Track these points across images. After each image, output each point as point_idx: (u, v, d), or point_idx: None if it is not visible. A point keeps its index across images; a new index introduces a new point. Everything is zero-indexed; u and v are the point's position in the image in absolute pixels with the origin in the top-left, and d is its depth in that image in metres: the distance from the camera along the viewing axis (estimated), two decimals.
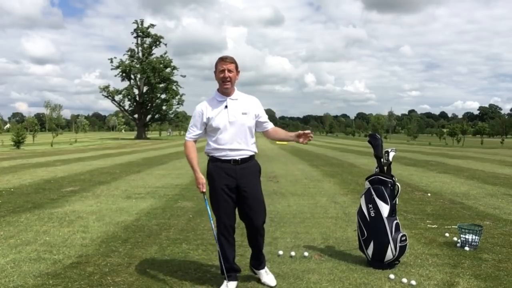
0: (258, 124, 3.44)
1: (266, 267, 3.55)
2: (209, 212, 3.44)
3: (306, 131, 3.29)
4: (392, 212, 3.91)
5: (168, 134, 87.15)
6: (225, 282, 3.38)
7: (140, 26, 59.75)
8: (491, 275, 3.68)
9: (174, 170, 12.97)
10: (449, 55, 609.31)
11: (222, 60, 3.26)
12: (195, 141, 3.43)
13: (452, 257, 4.19)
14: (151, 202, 7.17)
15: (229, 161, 3.27)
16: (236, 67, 3.30)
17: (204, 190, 3.31)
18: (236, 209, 3.40)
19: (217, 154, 3.31)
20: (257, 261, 3.51)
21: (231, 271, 3.40)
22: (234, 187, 3.29)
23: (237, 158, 3.27)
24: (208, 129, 3.32)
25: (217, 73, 3.28)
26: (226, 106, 3.27)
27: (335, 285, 3.44)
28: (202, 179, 3.32)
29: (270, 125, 3.48)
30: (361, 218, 4.03)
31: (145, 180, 10.24)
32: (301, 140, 3.30)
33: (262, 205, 3.40)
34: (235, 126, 3.25)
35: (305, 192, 8.50)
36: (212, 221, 3.45)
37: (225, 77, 3.22)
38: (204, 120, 3.29)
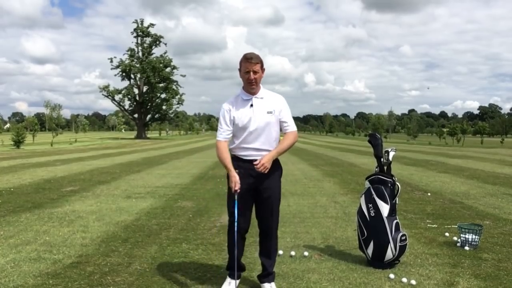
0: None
1: (273, 283, 3.35)
2: (236, 210, 3.24)
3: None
4: (392, 212, 3.91)
5: (166, 133, 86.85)
6: (228, 279, 3.39)
7: (140, 25, 59.70)
8: (491, 275, 3.68)
9: (174, 169, 12.98)
10: (449, 55, 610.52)
11: (247, 60, 3.12)
12: (226, 141, 3.28)
13: (452, 256, 4.19)
14: (151, 202, 7.17)
15: (251, 161, 3.18)
16: (262, 66, 3.20)
17: (238, 189, 3.13)
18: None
19: (240, 153, 3.24)
20: (264, 272, 3.36)
21: (237, 270, 3.39)
22: (254, 188, 3.23)
23: (259, 157, 3.18)
24: (234, 128, 3.25)
25: (242, 72, 3.18)
26: (251, 105, 3.20)
27: (335, 285, 3.44)
28: (237, 177, 3.14)
29: (290, 128, 3.30)
30: (361, 217, 4.03)
31: (145, 180, 10.24)
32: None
33: (278, 207, 3.35)
34: (260, 125, 3.17)
35: (305, 191, 8.50)
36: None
37: (250, 79, 3.13)
38: (231, 117, 3.22)
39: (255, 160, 3.15)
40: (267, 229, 3.32)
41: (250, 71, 3.12)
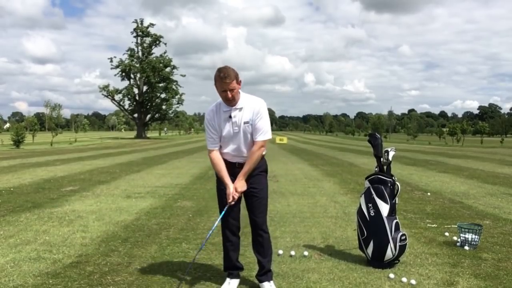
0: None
1: (271, 281, 3.37)
2: (218, 220, 3.36)
3: (235, 193, 3.19)
4: (392, 212, 3.91)
5: (165, 133, 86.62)
6: (227, 279, 3.41)
7: (139, 25, 59.64)
8: (490, 274, 3.68)
9: (174, 169, 12.98)
10: (449, 55, 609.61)
11: (222, 80, 3.04)
12: (217, 149, 3.31)
13: (451, 256, 4.19)
14: (151, 202, 7.17)
15: (233, 163, 3.29)
16: (237, 80, 3.10)
17: (232, 202, 3.20)
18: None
19: (223, 157, 3.32)
20: (261, 270, 3.37)
21: (234, 269, 3.44)
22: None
23: (242, 161, 3.27)
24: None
25: (218, 90, 3.13)
26: (230, 116, 3.21)
27: (334, 285, 3.44)
28: (231, 189, 3.18)
29: (259, 137, 3.21)
30: (361, 217, 4.03)
31: (145, 180, 10.24)
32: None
33: (266, 204, 3.39)
34: (239, 136, 3.23)
35: (304, 191, 8.50)
36: (216, 224, 3.41)
37: (228, 98, 3.11)
38: (215, 127, 3.25)
39: (238, 163, 3.28)
40: (258, 225, 3.35)
41: (227, 91, 3.08)
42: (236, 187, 3.20)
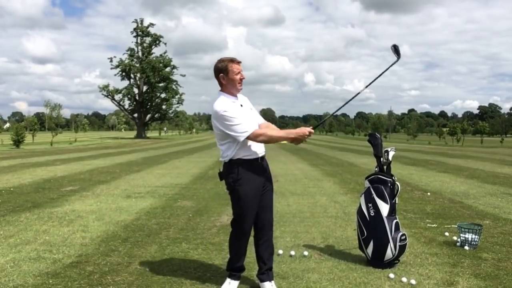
0: None
1: (273, 281, 3.36)
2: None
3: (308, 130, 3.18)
4: (392, 212, 3.92)
5: (165, 133, 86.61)
6: (228, 279, 3.39)
7: (139, 25, 59.66)
8: (490, 274, 3.68)
9: (173, 169, 12.98)
10: (448, 55, 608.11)
11: (235, 62, 3.18)
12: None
13: (451, 256, 4.20)
14: (151, 202, 7.17)
15: (257, 159, 3.23)
16: None
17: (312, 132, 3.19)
18: None
19: (244, 154, 3.18)
20: (263, 268, 3.35)
21: (239, 271, 3.42)
22: (264, 185, 3.30)
23: (262, 154, 3.29)
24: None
25: (231, 75, 3.15)
26: (241, 105, 3.24)
27: (335, 284, 3.45)
28: (305, 130, 3.16)
29: (260, 119, 3.40)
30: (360, 217, 4.04)
31: (145, 180, 10.24)
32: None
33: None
34: (253, 122, 3.23)
35: (304, 191, 8.51)
36: None
37: (242, 77, 3.22)
38: (239, 112, 3.16)
39: (262, 156, 3.27)
40: (267, 220, 3.36)
41: (241, 70, 3.23)
42: (307, 130, 3.17)
